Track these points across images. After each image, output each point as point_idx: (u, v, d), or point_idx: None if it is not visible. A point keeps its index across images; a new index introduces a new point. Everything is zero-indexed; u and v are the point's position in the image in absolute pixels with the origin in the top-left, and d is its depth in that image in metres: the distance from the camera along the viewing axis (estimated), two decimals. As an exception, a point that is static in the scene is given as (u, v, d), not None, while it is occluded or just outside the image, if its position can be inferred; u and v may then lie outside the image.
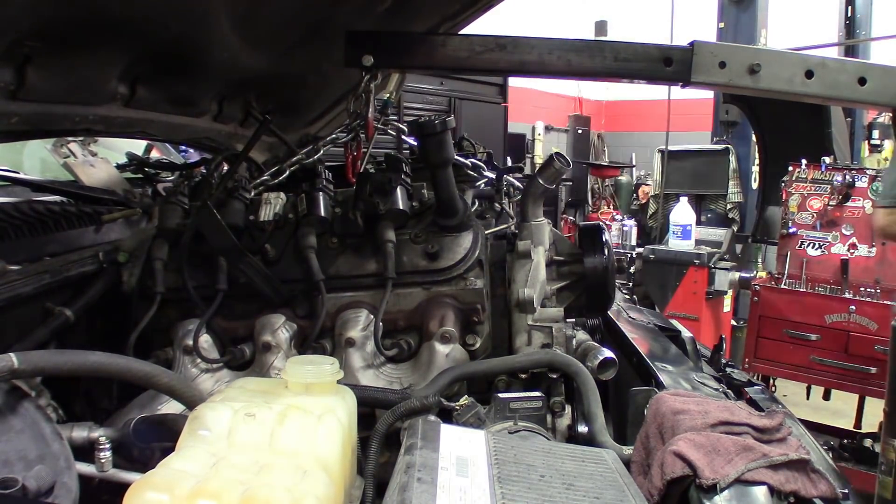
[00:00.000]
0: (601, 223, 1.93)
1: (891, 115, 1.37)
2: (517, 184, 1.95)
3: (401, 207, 1.40)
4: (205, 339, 1.36)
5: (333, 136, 1.64)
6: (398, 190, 1.41)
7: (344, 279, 1.41)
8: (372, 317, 1.38)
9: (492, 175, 1.79)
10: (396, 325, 1.42)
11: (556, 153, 1.59)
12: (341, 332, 1.36)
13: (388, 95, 2.21)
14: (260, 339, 1.36)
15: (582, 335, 1.48)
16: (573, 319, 1.62)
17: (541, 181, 1.57)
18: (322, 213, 1.40)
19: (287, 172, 1.58)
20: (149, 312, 1.34)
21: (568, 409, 1.30)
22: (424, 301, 1.41)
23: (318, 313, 1.37)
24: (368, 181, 1.42)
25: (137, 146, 2.58)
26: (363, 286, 1.41)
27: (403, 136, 1.87)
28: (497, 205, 1.77)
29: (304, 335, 1.40)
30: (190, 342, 1.34)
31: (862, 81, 1.29)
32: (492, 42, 1.40)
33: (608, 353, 1.30)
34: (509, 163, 2.50)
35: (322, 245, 1.40)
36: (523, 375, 1.33)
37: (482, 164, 1.76)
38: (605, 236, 1.59)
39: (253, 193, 1.48)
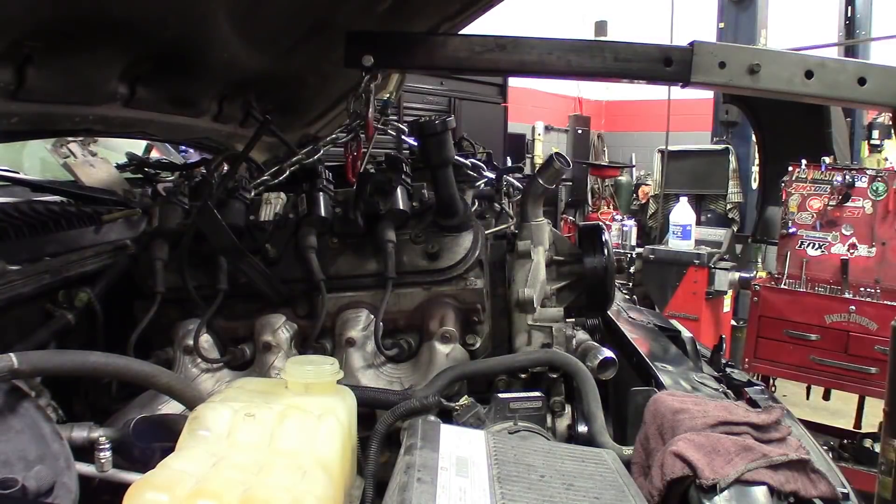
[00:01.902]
0: (601, 223, 1.93)
1: (890, 115, 1.37)
2: (517, 184, 1.95)
3: (401, 207, 1.40)
4: (205, 339, 1.37)
5: (333, 136, 1.64)
6: (398, 190, 1.41)
7: (344, 279, 1.41)
8: (372, 317, 1.38)
9: (492, 175, 1.79)
10: (397, 325, 1.42)
11: (556, 153, 1.59)
12: (341, 332, 1.37)
13: (387, 95, 2.21)
14: (260, 339, 1.36)
15: (582, 335, 1.48)
16: (573, 319, 1.62)
17: (541, 181, 1.57)
18: (322, 213, 1.40)
19: (287, 172, 1.58)
20: (149, 312, 1.34)
21: (568, 408, 1.30)
22: (424, 301, 1.40)
23: (318, 313, 1.37)
24: (369, 181, 1.42)
25: (137, 146, 2.58)
26: (363, 286, 1.41)
27: (403, 136, 1.87)
28: (497, 205, 1.77)
29: (305, 335, 1.40)
30: (190, 342, 1.34)
31: (862, 81, 1.29)
32: (492, 42, 1.39)
33: (608, 352, 1.30)
34: (509, 163, 2.50)
35: (322, 245, 1.40)
36: (523, 375, 1.33)
37: (482, 165, 1.76)
38: (605, 236, 1.59)
39: (253, 193, 1.48)
